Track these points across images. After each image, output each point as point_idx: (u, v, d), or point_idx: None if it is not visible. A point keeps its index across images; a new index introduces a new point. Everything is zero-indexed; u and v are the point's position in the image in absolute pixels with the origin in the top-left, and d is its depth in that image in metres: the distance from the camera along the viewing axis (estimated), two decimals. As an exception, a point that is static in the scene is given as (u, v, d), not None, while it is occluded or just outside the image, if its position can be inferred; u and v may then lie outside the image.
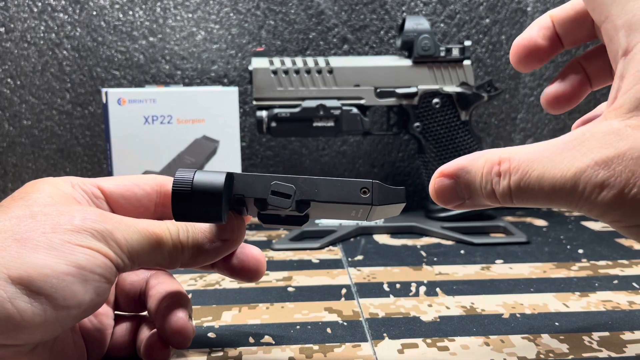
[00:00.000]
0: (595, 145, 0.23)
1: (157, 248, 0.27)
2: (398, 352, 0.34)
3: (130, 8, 0.68)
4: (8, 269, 0.23)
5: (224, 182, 0.26)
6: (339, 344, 0.35)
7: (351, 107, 0.60)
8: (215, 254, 0.29)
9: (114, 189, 0.31)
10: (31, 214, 0.26)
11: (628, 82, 0.23)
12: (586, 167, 0.23)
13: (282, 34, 0.70)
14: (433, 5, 0.71)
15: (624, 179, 0.22)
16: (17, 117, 0.69)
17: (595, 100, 0.74)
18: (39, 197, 0.27)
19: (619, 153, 0.22)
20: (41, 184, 0.29)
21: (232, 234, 0.29)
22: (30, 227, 0.25)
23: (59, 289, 0.24)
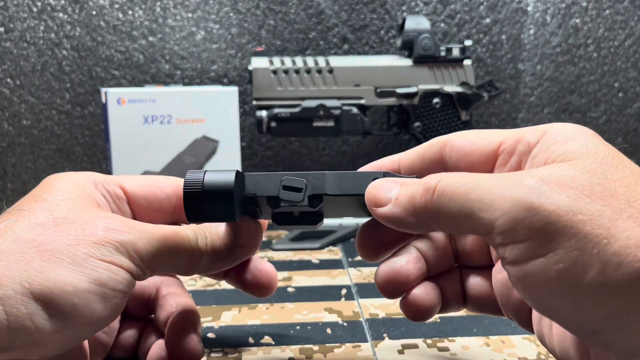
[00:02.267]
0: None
1: (177, 255, 0.27)
2: (398, 352, 0.34)
3: (129, 8, 0.68)
4: (30, 284, 0.23)
5: (234, 179, 0.26)
6: (339, 345, 0.35)
7: (351, 107, 0.60)
8: (233, 260, 0.29)
9: (136, 190, 0.31)
10: (54, 221, 0.25)
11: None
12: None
13: (282, 34, 0.70)
14: (433, 5, 0.71)
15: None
16: (16, 117, 0.69)
17: (595, 100, 0.74)
18: (62, 199, 0.27)
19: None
20: (63, 181, 0.28)
21: (248, 239, 0.29)
22: (54, 238, 0.24)
23: (79, 307, 0.23)
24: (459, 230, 0.25)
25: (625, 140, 0.75)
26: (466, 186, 0.22)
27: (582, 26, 0.72)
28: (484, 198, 0.22)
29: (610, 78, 0.74)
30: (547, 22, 0.72)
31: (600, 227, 0.20)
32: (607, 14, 0.72)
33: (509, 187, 0.21)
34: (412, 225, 0.25)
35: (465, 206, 0.22)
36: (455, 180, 0.23)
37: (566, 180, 0.21)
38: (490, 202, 0.21)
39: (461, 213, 0.22)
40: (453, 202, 0.23)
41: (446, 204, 0.23)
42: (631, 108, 0.75)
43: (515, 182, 0.21)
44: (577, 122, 0.76)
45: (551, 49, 0.73)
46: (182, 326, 0.31)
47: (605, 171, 0.22)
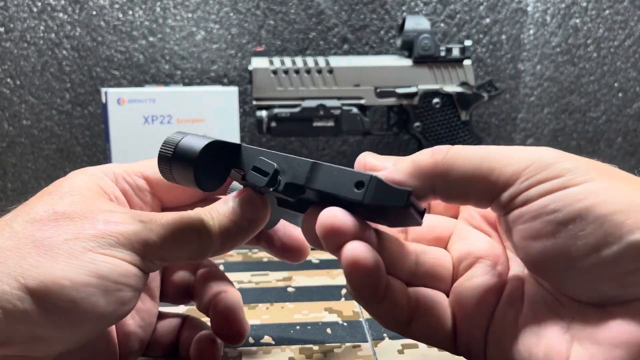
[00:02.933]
0: None
1: (185, 241, 0.26)
2: (398, 352, 0.34)
3: (130, 8, 0.68)
4: (25, 278, 0.22)
5: (200, 150, 0.26)
6: (339, 345, 0.35)
7: (351, 107, 0.60)
8: (244, 236, 0.28)
9: (160, 179, 0.30)
10: (54, 216, 0.25)
11: None
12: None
13: (282, 34, 0.70)
14: (433, 5, 0.71)
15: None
16: (16, 117, 0.69)
17: (595, 100, 0.74)
18: (67, 192, 0.26)
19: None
20: (78, 175, 0.28)
21: (255, 214, 0.28)
22: (52, 233, 0.24)
23: (78, 302, 0.23)
24: (465, 193, 0.24)
25: (625, 140, 0.75)
26: (484, 148, 0.24)
27: (582, 26, 0.73)
28: (505, 156, 0.23)
29: (610, 78, 0.74)
30: (547, 22, 0.72)
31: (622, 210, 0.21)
32: (607, 14, 0.72)
33: (529, 149, 0.23)
34: (415, 189, 0.24)
35: (485, 163, 0.23)
36: (466, 146, 0.24)
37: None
38: (514, 157, 0.23)
39: (478, 171, 0.23)
40: (469, 160, 0.24)
41: (461, 162, 0.24)
42: (631, 108, 0.75)
43: (528, 147, 0.24)
44: (577, 122, 0.76)
45: (551, 49, 0.73)
46: (226, 306, 0.31)
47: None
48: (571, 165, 0.22)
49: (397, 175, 0.25)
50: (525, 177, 0.23)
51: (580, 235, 0.21)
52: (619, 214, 0.21)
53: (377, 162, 0.26)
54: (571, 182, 0.22)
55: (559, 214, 0.22)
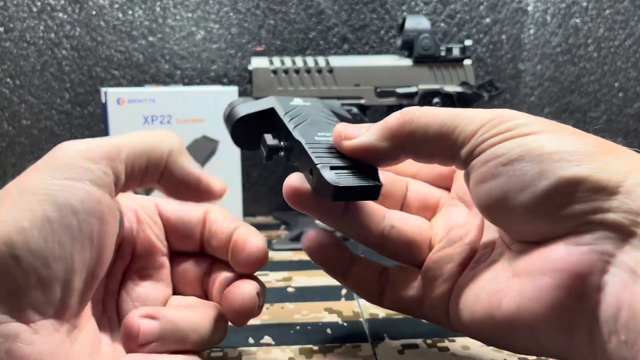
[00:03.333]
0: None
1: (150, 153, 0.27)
2: (398, 352, 0.34)
3: (129, 7, 0.68)
4: None
5: (235, 120, 0.34)
6: (339, 345, 0.35)
7: (351, 106, 0.60)
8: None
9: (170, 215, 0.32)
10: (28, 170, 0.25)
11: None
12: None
13: (282, 34, 0.70)
14: (433, 5, 0.71)
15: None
16: (16, 117, 0.69)
17: (595, 100, 0.74)
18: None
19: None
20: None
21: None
22: (15, 181, 0.24)
23: (40, 241, 0.23)
24: (431, 151, 0.27)
25: (626, 140, 0.75)
26: (449, 110, 0.26)
27: (582, 26, 0.72)
28: (467, 116, 0.26)
29: (610, 78, 0.74)
30: (547, 22, 0.72)
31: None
32: (607, 14, 0.72)
33: (491, 110, 0.26)
34: (382, 151, 0.28)
35: (448, 122, 0.26)
36: (433, 108, 0.27)
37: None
38: (474, 117, 0.25)
39: (442, 130, 0.26)
40: (434, 120, 0.26)
41: (426, 122, 0.26)
42: (631, 108, 0.75)
43: (490, 110, 0.26)
44: (577, 122, 0.76)
45: (551, 49, 0.73)
46: (243, 235, 0.30)
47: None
48: (523, 121, 0.25)
49: (369, 138, 0.28)
50: (481, 132, 0.25)
51: (519, 174, 0.23)
52: (555, 154, 0.23)
53: (351, 131, 0.29)
54: (519, 133, 0.24)
55: (503, 158, 0.24)
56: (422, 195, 0.33)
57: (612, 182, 0.22)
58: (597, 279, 0.22)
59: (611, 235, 0.22)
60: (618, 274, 0.22)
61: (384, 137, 0.27)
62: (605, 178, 0.22)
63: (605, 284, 0.22)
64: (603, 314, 0.22)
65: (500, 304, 0.25)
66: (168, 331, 0.27)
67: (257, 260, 0.30)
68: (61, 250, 0.23)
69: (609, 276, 0.22)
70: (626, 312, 0.21)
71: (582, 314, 0.22)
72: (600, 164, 0.23)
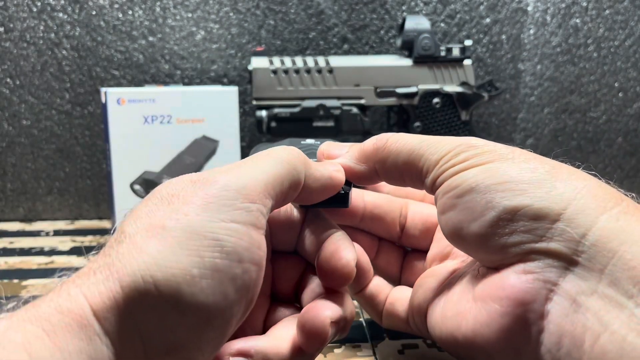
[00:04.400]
0: None
1: (286, 165, 0.25)
2: (398, 352, 0.34)
3: (129, 7, 0.68)
4: (153, 275, 0.19)
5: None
6: (339, 344, 0.35)
7: (351, 106, 0.60)
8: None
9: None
10: (160, 200, 0.22)
11: None
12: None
13: (282, 34, 0.70)
14: (433, 5, 0.71)
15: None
16: (16, 117, 0.69)
17: (595, 100, 0.74)
18: (164, 185, 0.24)
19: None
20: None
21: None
22: (163, 215, 0.21)
23: (210, 292, 0.20)
24: (401, 177, 0.29)
25: (626, 140, 0.75)
26: (417, 137, 0.28)
27: (582, 26, 0.72)
28: (432, 145, 0.27)
29: (610, 78, 0.74)
30: (547, 22, 0.72)
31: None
32: (607, 14, 0.72)
33: (455, 139, 0.27)
34: (358, 172, 0.29)
35: (415, 151, 0.27)
36: (406, 136, 0.28)
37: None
38: (438, 146, 0.27)
39: (409, 159, 0.27)
40: (403, 148, 0.28)
41: (395, 151, 0.28)
42: (631, 108, 0.75)
43: (454, 139, 0.27)
44: (577, 122, 0.76)
45: (551, 49, 0.73)
46: (333, 245, 0.27)
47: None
48: (480, 150, 0.26)
49: (346, 161, 0.30)
50: (442, 162, 0.26)
51: (470, 205, 0.24)
52: (501, 184, 0.24)
53: (333, 151, 0.31)
54: (473, 164, 0.25)
55: (457, 190, 0.25)
56: (424, 217, 0.34)
57: (555, 209, 0.22)
58: (540, 306, 0.22)
59: (554, 264, 0.22)
60: (560, 303, 0.22)
61: (359, 160, 0.29)
62: (547, 206, 0.23)
63: (548, 312, 0.22)
64: (546, 341, 0.22)
65: (460, 326, 0.25)
66: None
67: (340, 277, 0.26)
68: (224, 302, 0.21)
69: (552, 304, 0.22)
70: (568, 341, 0.21)
71: (527, 340, 0.23)
72: (544, 191, 0.23)
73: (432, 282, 0.30)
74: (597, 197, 0.23)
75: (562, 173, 0.24)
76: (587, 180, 0.24)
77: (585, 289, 0.21)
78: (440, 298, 0.28)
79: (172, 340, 0.20)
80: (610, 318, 0.20)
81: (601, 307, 0.21)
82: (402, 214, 0.35)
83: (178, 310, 0.19)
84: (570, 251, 0.22)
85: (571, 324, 0.21)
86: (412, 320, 0.31)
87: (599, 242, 0.21)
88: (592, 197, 0.23)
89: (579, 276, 0.22)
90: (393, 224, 0.34)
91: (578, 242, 0.22)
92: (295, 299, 0.30)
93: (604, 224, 0.22)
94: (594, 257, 0.22)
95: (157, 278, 0.19)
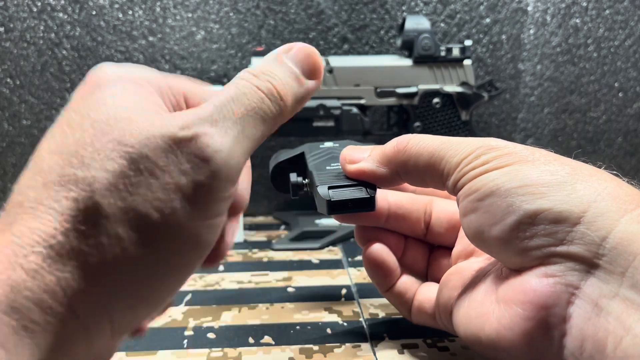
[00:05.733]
0: None
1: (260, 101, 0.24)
2: (398, 352, 0.34)
3: (129, 8, 0.68)
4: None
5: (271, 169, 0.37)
6: (339, 345, 0.35)
7: (351, 106, 0.60)
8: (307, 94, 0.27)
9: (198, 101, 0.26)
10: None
11: None
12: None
13: (282, 34, 0.70)
14: (433, 5, 0.71)
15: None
16: (16, 117, 0.69)
17: (595, 100, 0.74)
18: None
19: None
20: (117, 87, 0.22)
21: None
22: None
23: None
24: (422, 179, 0.29)
25: (626, 140, 0.75)
26: (437, 139, 0.28)
27: (582, 26, 0.72)
28: (452, 147, 0.27)
29: (610, 78, 0.74)
30: (547, 22, 0.72)
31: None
32: (607, 14, 0.72)
33: (474, 141, 0.27)
34: (381, 175, 0.30)
35: (436, 154, 0.27)
36: (426, 137, 0.29)
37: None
38: (458, 149, 0.27)
39: (430, 161, 0.28)
40: (424, 150, 0.28)
41: (417, 152, 0.28)
42: (631, 108, 0.75)
43: (474, 139, 0.27)
44: (577, 122, 0.76)
45: (551, 49, 0.73)
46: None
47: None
48: (500, 152, 0.26)
49: (369, 165, 0.30)
50: (463, 165, 0.26)
51: (491, 209, 0.25)
52: (521, 187, 0.24)
53: (355, 155, 0.31)
54: (493, 166, 0.25)
55: (478, 193, 0.25)
56: (449, 214, 0.35)
57: (575, 212, 0.22)
58: (562, 310, 0.23)
59: (575, 267, 0.22)
60: (582, 306, 0.22)
61: (381, 163, 0.30)
62: (567, 209, 0.23)
63: (570, 316, 0.22)
64: (569, 345, 0.22)
65: (484, 328, 0.26)
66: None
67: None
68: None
69: (574, 308, 0.22)
70: (590, 344, 0.21)
71: (550, 344, 0.23)
72: (565, 194, 0.23)
73: (456, 280, 0.30)
74: (617, 198, 0.23)
75: (582, 174, 0.24)
76: (608, 182, 0.24)
77: (606, 292, 0.21)
78: (465, 298, 0.29)
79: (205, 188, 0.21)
80: (632, 321, 0.20)
81: (623, 310, 0.21)
82: (426, 212, 0.35)
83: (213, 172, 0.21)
84: (591, 254, 0.22)
85: (593, 327, 0.21)
86: (439, 317, 0.32)
87: (620, 245, 0.21)
88: (612, 199, 0.23)
89: (600, 279, 0.22)
90: (418, 222, 0.35)
91: (599, 245, 0.22)
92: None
93: (625, 227, 0.22)
94: (615, 260, 0.21)
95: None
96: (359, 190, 0.31)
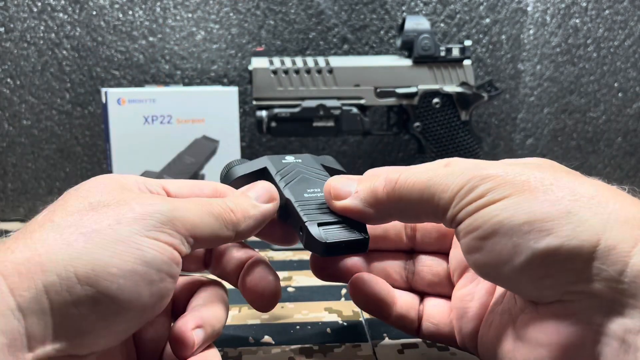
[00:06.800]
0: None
1: (215, 218, 0.27)
2: (398, 352, 0.34)
3: (130, 8, 0.68)
4: (75, 267, 0.22)
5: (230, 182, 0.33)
6: (339, 344, 0.35)
7: (351, 107, 0.60)
8: (263, 219, 0.30)
9: (178, 192, 0.30)
10: (90, 206, 0.24)
11: None
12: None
13: (282, 34, 0.70)
14: (433, 5, 0.71)
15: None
16: (16, 117, 0.69)
17: (595, 100, 0.74)
18: (94, 186, 0.26)
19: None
20: (99, 177, 0.28)
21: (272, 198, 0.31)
22: (94, 220, 0.23)
23: (125, 290, 0.23)
24: (416, 216, 0.28)
25: (625, 140, 0.75)
26: (426, 173, 0.27)
27: (581, 26, 0.73)
28: (442, 181, 0.26)
29: (610, 78, 0.74)
30: (546, 22, 0.72)
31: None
32: (607, 14, 0.72)
33: (461, 172, 0.26)
34: (370, 215, 0.29)
35: (427, 190, 0.26)
36: (413, 172, 0.27)
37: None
38: (448, 183, 0.26)
39: (422, 198, 0.26)
40: (416, 189, 0.27)
41: (409, 192, 0.27)
42: (631, 108, 0.75)
43: (463, 169, 0.26)
44: (576, 122, 0.76)
45: (551, 49, 0.73)
46: (259, 272, 0.31)
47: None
48: (493, 183, 0.24)
49: (357, 203, 0.29)
50: (457, 201, 0.25)
51: (497, 249, 0.24)
52: (525, 224, 0.23)
53: (341, 190, 0.30)
54: (492, 200, 0.24)
55: (481, 231, 0.24)
56: (436, 225, 0.34)
57: (586, 247, 0.22)
58: (590, 349, 0.22)
59: (595, 304, 0.22)
60: (610, 344, 0.21)
61: (370, 203, 0.29)
62: (578, 245, 0.22)
63: (599, 354, 0.22)
64: None
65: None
66: (209, 336, 0.28)
67: (270, 303, 0.31)
68: (137, 302, 0.23)
69: (602, 346, 0.22)
70: None
71: None
72: (572, 227, 0.22)
73: (474, 307, 0.30)
74: (627, 223, 0.22)
75: (584, 198, 0.23)
76: (612, 204, 0.23)
77: (631, 327, 0.21)
78: (487, 328, 0.28)
79: (82, 325, 0.22)
80: None
81: None
82: (407, 225, 0.34)
83: (93, 299, 0.22)
84: (610, 290, 0.21)
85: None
86: (462, 342, 0.31)
87: (639, 278, 0.21)
88: (621, 225, 0.22)
89: (623, 315, 0.21)
90: (398, 237, 0.34)
91: (617, 281, 0.21)
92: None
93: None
94: (636, 294, 0.21)
95: (78, 269, 0.22)
96: (349, 230, 0.29)
